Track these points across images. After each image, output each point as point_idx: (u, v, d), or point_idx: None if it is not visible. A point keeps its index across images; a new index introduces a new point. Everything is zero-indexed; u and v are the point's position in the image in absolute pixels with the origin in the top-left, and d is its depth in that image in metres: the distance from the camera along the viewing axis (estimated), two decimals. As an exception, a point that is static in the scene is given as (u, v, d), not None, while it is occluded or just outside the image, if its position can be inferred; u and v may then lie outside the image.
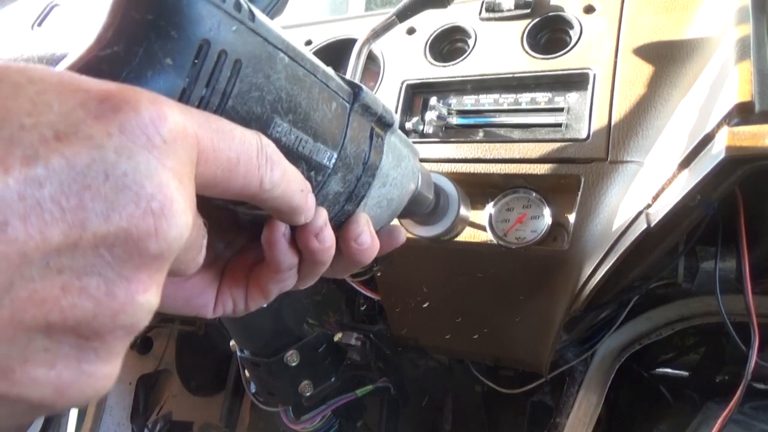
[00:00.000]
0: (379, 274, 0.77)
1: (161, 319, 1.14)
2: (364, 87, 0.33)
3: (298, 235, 0.30)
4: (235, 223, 0.34)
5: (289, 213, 0.28)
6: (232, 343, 0.88)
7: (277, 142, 0.26)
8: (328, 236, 0.31)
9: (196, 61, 0.23)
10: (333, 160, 0.31)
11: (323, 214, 0.30)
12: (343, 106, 0.31)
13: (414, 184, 0.41)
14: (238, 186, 0.23)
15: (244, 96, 0.25)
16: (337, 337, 0.87)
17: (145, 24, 0.22)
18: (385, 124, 0.35)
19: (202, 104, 0.23)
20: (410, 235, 0.67)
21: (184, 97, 0.23)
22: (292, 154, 0.28)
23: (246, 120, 0.25)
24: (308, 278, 0.34)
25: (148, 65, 0.22)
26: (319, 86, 0.29)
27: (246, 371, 0.91)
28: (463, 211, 0.64)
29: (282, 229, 0.30)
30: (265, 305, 0.34)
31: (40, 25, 0.58)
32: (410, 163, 0.39)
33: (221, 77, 0.24)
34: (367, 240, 0.34)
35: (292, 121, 0.27)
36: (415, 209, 0.46)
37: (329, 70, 0.31)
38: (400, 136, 0.38)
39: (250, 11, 0.25)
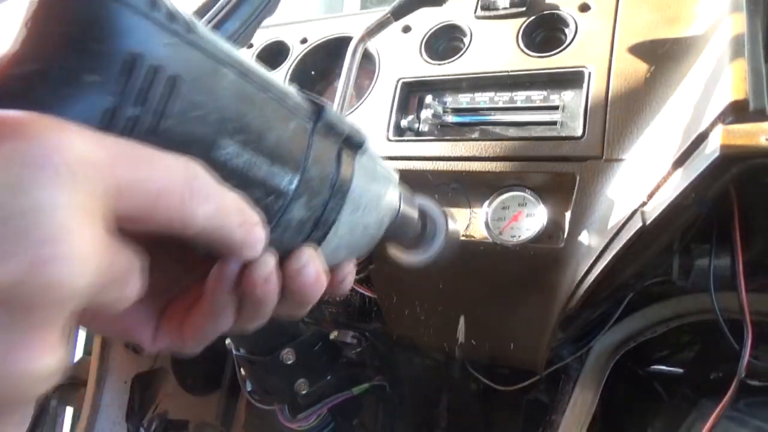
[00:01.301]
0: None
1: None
2: (327, 105, 0.31)
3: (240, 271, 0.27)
4: (185, 258, 0.30)
5: (229, 249, 0.25)
6: (227, 341, 0.88)
7: (224, 165, 0.24)
8: (268, 270, 0.27)
9: (122, 78, 0.20)
10: (294, 184, 0.28)
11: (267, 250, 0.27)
12: (303, 126, 0.29)
13: (393, 207, 0.38)
14: (161, 221, 0.20)
15: (183, 115, 0.22)
16: (333, 335, 0.87)
17: (62, 38, 0.20)
18: (354, 144, 0.33)
19: (132, 124, 0.21)
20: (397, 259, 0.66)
21: (109, 118, 0.21)
22: (244, 179, 0.25)
23: (186, 142, 0.23)
24: (252, 319, 0.30)
25: (65, 83, 0.20)
26: (272, 105, 0.27)
27: (242, 369, 0.91)
28: (452, 227, 0.62)
29: (231, 266, 0.27)
30: (200, 349, 0.31)
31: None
32: (387, 185, 0.36)
33: (154, 95, 0.21)
34: (311, 273, 0.29)
35: (242, 143, 0.25)
36: (400, 232, 0.43)
37: (287, 88, 0.29)
38: (373, 156, 0.35)
39: (188, 22, 0.22)
